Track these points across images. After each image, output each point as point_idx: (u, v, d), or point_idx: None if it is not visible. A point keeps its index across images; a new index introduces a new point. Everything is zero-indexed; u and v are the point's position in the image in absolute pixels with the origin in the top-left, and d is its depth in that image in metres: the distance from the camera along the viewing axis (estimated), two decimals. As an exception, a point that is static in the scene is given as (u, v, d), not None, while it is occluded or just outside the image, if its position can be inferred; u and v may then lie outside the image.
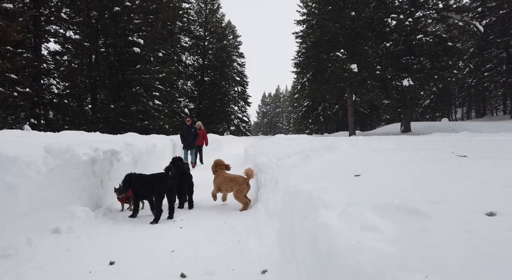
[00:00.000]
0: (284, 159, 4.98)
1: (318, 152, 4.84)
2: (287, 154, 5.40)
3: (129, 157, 7.09)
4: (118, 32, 26.68)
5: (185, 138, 12.10)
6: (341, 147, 5.10)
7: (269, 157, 6.32)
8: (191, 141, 12.04)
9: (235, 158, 15.34)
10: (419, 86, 28.86)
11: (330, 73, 32.74)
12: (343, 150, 4.78)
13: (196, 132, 12.28)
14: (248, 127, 50.18)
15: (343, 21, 30.68)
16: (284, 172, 4.41)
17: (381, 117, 48.15)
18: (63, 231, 4.47)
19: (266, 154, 7.41)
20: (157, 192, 5.34)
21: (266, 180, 5.43)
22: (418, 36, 28.73)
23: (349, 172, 3.27)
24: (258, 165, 6.57)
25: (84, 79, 26.62)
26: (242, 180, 6.25)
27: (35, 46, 23.65)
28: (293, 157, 4.79)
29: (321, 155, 4.63)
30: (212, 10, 40.95)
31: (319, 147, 5.31)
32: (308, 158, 4.62)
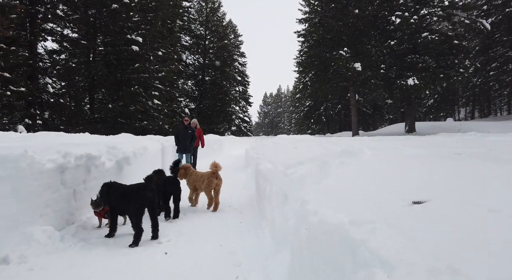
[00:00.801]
0: (295, 167, 3.95)
1: (338, 159, 3.80)
2: (297, 160, 4.38)
3: (112, 162, 6.06)
4: (117, 30, 25.68)
5: (180, 140, 10.24)
6: (364, 152, 4.07)
7: (275, 163, 5.30)
8: (188, 144, 10.21)
9: (236, 161, 14.31)
10: (424, 85, 27.83)
11: (333, 72, 31.72)
12: (369, 157, 3.73)
13: (193, 133, 10.42)
14: (249, 127, 49.11)
15: (346, 19, 29.63)
16: (297, 186, 3.38)
17: (383, 117, 47.03)
18: (13, 262, 3.44)
19: (270, 158, 6.39)
20: (134, 208, 4.30)
21: (271, 192, 4.38)
22: (424, 34, 27.73)
23: (398, 193, 2.25)
24: (261, 171, 5.54)
25: (82, 78, 25.59)
26: (210, 174, 6.21)
27: (31, 44, 22.70)
28: (307, 165, 3.76)
29: (342, 163, 3.59)
30: (213, 8, 39.89)
31: (337, 151, 4.27)
32: (326, 167, 3.60)
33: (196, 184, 6.32)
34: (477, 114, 46.68)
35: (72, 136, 7.65)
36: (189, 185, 6.44)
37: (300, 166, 4.00)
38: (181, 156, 10.17)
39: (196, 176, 6.36)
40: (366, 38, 30.13)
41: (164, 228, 4.74)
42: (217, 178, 6.20)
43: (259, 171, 5.77)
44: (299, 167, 3.88)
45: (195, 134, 10.58)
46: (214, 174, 6.19)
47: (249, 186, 7.95)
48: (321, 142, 7.24)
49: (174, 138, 10.54)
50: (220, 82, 40.03)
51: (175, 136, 10.51)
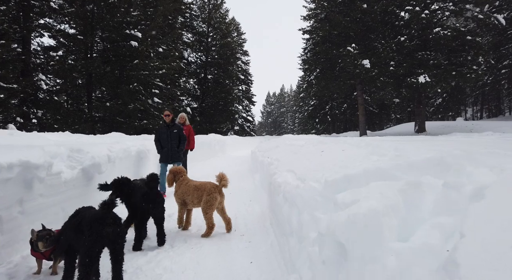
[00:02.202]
0: (349, 191, 2.23)
1: (432, 178, 2.05)
2: (343, 174, 2.70)
3: (75, 170, 4.36)
4: (115, 25, 24.04)
5: (163, 145, 7.35)
6: (473, 168, 2.34)
7: (301, 176, 3.61)
8: (175, 148, 7.34)
9: (240, 164, 12.58)
10: (436, 83, 26.02)
11: (339, 69, 30.00)
12: (495, 180, 1.96)
13: (180, 133, 7.49)
14: (252, 126, 47.36)
15: (354, 14, 27.87)
16: (369, 238, 1.64)
17: (390, 116, 45.17)
18: None
19: (289, 166, 4.70)
20: (83, 249, 2.61)
21: (302, 225, 2.67)
22: (435, 30, 25.96)
23: None
24: (280, 187, 3.89)
25: (79, 75, 23.96)
26: (212, 187, 4.57)
27: (24, 39, 21.12)
28: (375, 189, 2.02)
29: (450, 186, 1.85)
30: (216, 5, 38.11)
31: (417, 162, 2.52)
32: (420, 195, 1.87)
33: (187, 198, 4.65)
34: (485, 113, 44.80)
35: (28, 135, 5.95)
36: (177, 197, 4.76)
37: (356, 187, 2.29)
38: (165, 168, 7.39)
39: (188, 187, 4.69)
40: (374, 34, 28.34)
41: (138, 272, 3.02)
42: (220, 194, 4.59)
43: (276, 186, 4.10)
44: (357, 191, 2.15)
45: (183, 133, 7.61)
46: (217, 188, 4.54)
47: (258, 199, 6.24)
48: (350, 143, 5.50)
49: (155, 144, 7.52)
50: (223, 80, 38.32)
51: (155, 141, 7.52)
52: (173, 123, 7.54)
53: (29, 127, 20.71)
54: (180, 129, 7.59)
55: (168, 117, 7.48)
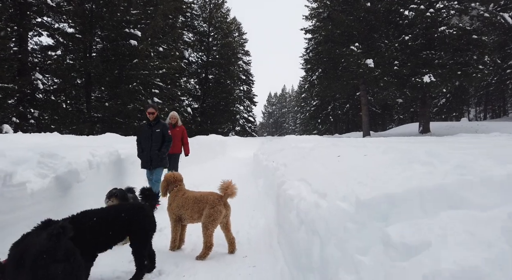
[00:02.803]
0: (413, 231, 1.46)
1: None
2: (382, 192, 2.00)
3: (46, 180, 3.62)
4: (114, 24, 23.35)
5: (143, 147, 6.24)
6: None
7: (317, 188, 2.88)
8: (155, 152, 6.17)
9: (242, 167, 11.77)
10: (441, 83, 25.29)
11: (342, 69, 29.25)
12: None
13: (164, 132, 6.34)
14: (254, 127, 46.60)
15: (358, 12, 27.16)
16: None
17: (392, 117, 44.35)
18: None
19: (300, 173, 3.94)
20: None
21: (327, 262, 1.93)
22: (441, 28, 25.25)
23: None
24: (292, 202, 3.11)
25: (77, 75, 23.27)
26: (216, 198, 3.81)
27: (21, 38, 20.46)
28: (459, 228, 1.27)
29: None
30: (217, 4, 37.34)
31: (498, 179, 1.77)
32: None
33: (185, 212, 3.86)
34: (488, 114, 44.00)
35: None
36: (171, 212, 3.96)
37: (407, 214, 1.59)
38: (149, 175, 6.30)
39: (186, 200, 3.90)
40: (378, 34, 27.61)
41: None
42: (225, 206, 3.85)
43: (287, 199, 3.37)
44: (420, 224, 1.42)
45: (168, 134, 6.41)
46: (221, 199, 3.81)
47: (262, 209, 5.50)
48: (368, 146, 4.75)
49: (137, 146, 6.37)
50: (224, 80, 37.57)
51: (137, 143, 6.39)
52: (156, 121, 6.31)
53: (25, 128, 20.06)
54: (165, 128, 6.34)
55: (151, 115, 6.23)
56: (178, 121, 7.84)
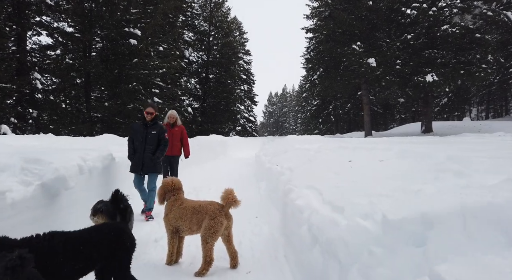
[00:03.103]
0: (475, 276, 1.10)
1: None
2: (418, 213, 1.55)
3: (30, 188, 3.28)
4: (114, 23, 22.99)
5: (136, 149, 5.61)
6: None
7: (335, 202, 2.55)
8: (149, 156, 5.54)
9: (243, 168, 11.37)
10: (444, 82, 24.92)
11: (344, 68, 28.89)
12: None
13: (161, 135, 5.72)
14: (254, 127, 46.21)
15: (359, 11, 26.78)
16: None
17: (394, 116, 43.96)
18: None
19: (308, 180, 3.57)
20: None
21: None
22: (443, 27, 24.90)
23: None
24: (302, 215, 2.77)
25: (76, 74, 22.93)
26: (216, 209, 3.42)
27: (19, 37, 20.15)
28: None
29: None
30: (217, 3, 36.95)
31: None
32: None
33: (183, 224, 3.50)
34: (490, 113, 43.61)
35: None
36: (168, 223, 3.59)
37: (453, 242, 1.21)
38: (139, 181, 5.60)
39: (184, 210, 3.53)
40: (379, 32, 27.25)
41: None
42: (227, 217, 3.48)
43: (295, 210, 3.02)
44: (481, 263, 1.05)
45: (164, 136, 5.75)
46: (223, 209, 3.44)
47: (266, 214, 5.15)
48: (378, 148, 4.39)
49: (128, 146, 5.70)
50: (225, 80, 37.18)
51: (128, 143, 5.71)
52: (154, 122, 5.69)
53: (23, 128, 19.76)
54: (162, 131, 5.70)
55: (150, 115, 5.62)
56: (177, 121, 7.22)
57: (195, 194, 7.00)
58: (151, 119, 5.70)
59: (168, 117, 7.19)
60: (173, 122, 7.12)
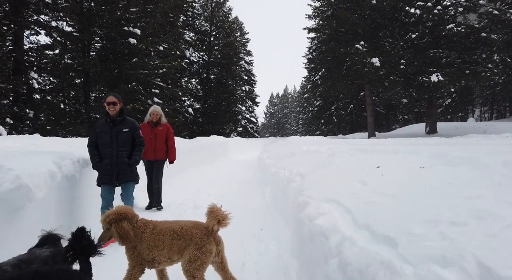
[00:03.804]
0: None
1: None
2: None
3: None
4: (114, 23, 22.34)
5: (102, 152, 4.35)
6: None
7: (375, 226, 1.83)
8: (123, 160, 4.39)
9: (245, 171, 10.64)
10: (449, 82, 24.25)
11: (347, 68, 28.22)
12: None
13: (135, 133, 4.56)
14: (256, 128, 45.51)
15: (363, 10, 26.11)
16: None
17: (397, 117, 43.20)
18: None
19: (326, 190, 2.87)
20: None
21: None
22: (449, 26, 24.26)
23: None
24: (328, 241, 2.06)
25: (75, 74, 22.28)
26: (203, 235, 2.59)
27: (16, 36, 19.53)
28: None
29: None
30: (219, 3, 36.27)
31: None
32: None
33: (159, 253, 2.61)
34: (493, 114, 42.88)
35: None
36: (136, 257, 2.62)
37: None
38: (109, 194, 4.29)
39: (161, 235, 2.63)
40: (383, 32, 26.59)
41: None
42: (216, 241, 2.67)
43: (314, 232, 2.32)
44: None
45: (140, 135, 4.58)
46: (211, 233, 2.64)
47: (272, 227, 4.43)
48: (405, 150, 3.67)
49: (90, 153, 4.35)
50: (226, 80, 36.46)
51: (90, 147, 4.36)
52: (121, 117, 4.45)
53: (19, 129, 19.12)
54: (135, 127, 4.50)
55: (112, 107, 4.29)
56: (161, 118, 6.10)
57: (192, 201, 6.28)
58: (117, 113, 4.42)
59: (150, 114, 6.11)
60: (157, 120, 6.06)
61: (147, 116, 6.18)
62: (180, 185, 7.83)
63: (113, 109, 4.32)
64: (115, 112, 4.35)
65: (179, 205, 5.98)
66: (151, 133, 5.96)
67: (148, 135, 5.81)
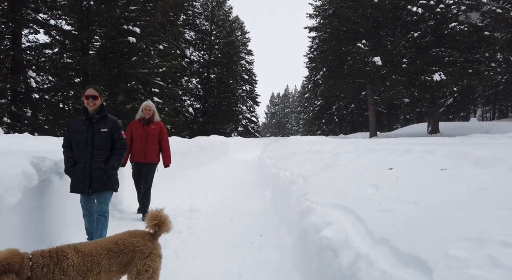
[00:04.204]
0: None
1: None
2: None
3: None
4: (113, 21, 22.03)
5: (78, 157, 3.63)
6: None
7: (399, 245, 1.43)
8: (99, 165, 3.64)
9: (245, 171, 10.29)
10: (452, 81, 23.88)
11: (348, 67, 27.85)
12: None
13: (115, 135, 3.77)
14: (257, 128, 45.16)
15: (364, 9, 25.74)
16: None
17: (398, 117, 42.79)
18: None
19: (332, 194, 2.53)
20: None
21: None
22: (451, 25, 23.91)
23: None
24: (338, 259, 1.70)
25: (74, 73, 22.00)
26: (147, 241, 2.26)
27: (14, 35, 19.24)
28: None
29: None
30: (219, 2, 35.89)
31: None
32: None
33: (95, 277, 2.11)
34: (494, 114, 42.49)
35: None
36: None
37: None
38: (87, 202, 3.69)
39: (91, 257, 2.11)
40: (385, 31, 26.23)
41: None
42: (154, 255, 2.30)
43: (321, 246, 1.96)
44: None
45: (122, 135, 3.86)
46: (155, 239, 2.33)
47: (272, 232, 4.08)
48: (422, 150, 3.31)
49: (64, 154, 3.69)
50: (227, 80, 36.08)
51: (64, 150, 3.70)
52: (101, 114, 3.76)
53: (17, 128, 18.83)
54: (116, 127, 3.78)
55: (92, 101, 3.68)
56: (154, 115, 5.43)
57: (189, 203, 5.94)
58: (97, 109, 3.75)
59: (142, 110, 5.49)
60: (149, 118, 5.38)
61: (138, 113, 5.57)
62: (177, 186, 7.50)
63: (93, 104, 3.68)
64: (95, 108, 3.71)
65: (174, 207, 5.64)
66: (142, 132, 5.34)
67: (139, 134, 5.31)
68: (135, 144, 5.33)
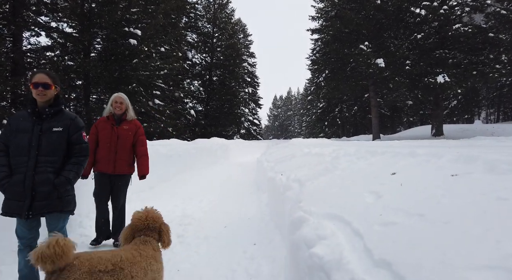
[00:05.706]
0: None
1: None
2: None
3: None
4: (114, 24, 21.94)
5: (16, 165, 2.55)
6: None
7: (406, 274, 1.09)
8: (46, 176, 2.57)
9: (243, 174, 9.97)
10: (456, 83, 23.55)
11: (351, 69, 27.58)
12: None
13: (73, 136, 2.74)
14: (259, 130, 44.92)
15: (367, 10, 25.49)
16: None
17: (401, 119, 42.38)
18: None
19: (329, 203, 2.27)
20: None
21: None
22: (455, 26, 23.65)
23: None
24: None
25: (75, 76, 21.91)
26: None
27: (15, 37, 19.19)
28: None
29: None
30: (221, 4, 35.78)
31: None
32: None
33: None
34: (498, 116, 41.97)
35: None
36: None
37: None
38: (26, 231, 2.58)
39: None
40: (387, 33, 25.97)
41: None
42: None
43: (312, 265, 1.67)
44: None
45: (83, 137, 2.85)
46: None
47: (266, 241, 3.80)
48: (428, 153, 3.04)
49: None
50: (229, 82, 35.90)
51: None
52: (55, 108, 2.69)
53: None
54: (74, 126, 2.77)
55: (43, 91, 2.59)
56: (128, 111, 4.25)
57: (181, 208, 5.67)
58: (49, 101, 2.68)
59: (111, 104, 4.18)
60: (121, 114, 4.17)
61: (107, 108, 4.25)
62: (171, 190, 7.23)
63: (43, 95, 2.59)
64: (45, 100, 2.62)
65: (166, 213, 5.36)
66: (111, 134, 4.06)
67: (106, 136, 4.04)
68: (101, 149, 4.05)
